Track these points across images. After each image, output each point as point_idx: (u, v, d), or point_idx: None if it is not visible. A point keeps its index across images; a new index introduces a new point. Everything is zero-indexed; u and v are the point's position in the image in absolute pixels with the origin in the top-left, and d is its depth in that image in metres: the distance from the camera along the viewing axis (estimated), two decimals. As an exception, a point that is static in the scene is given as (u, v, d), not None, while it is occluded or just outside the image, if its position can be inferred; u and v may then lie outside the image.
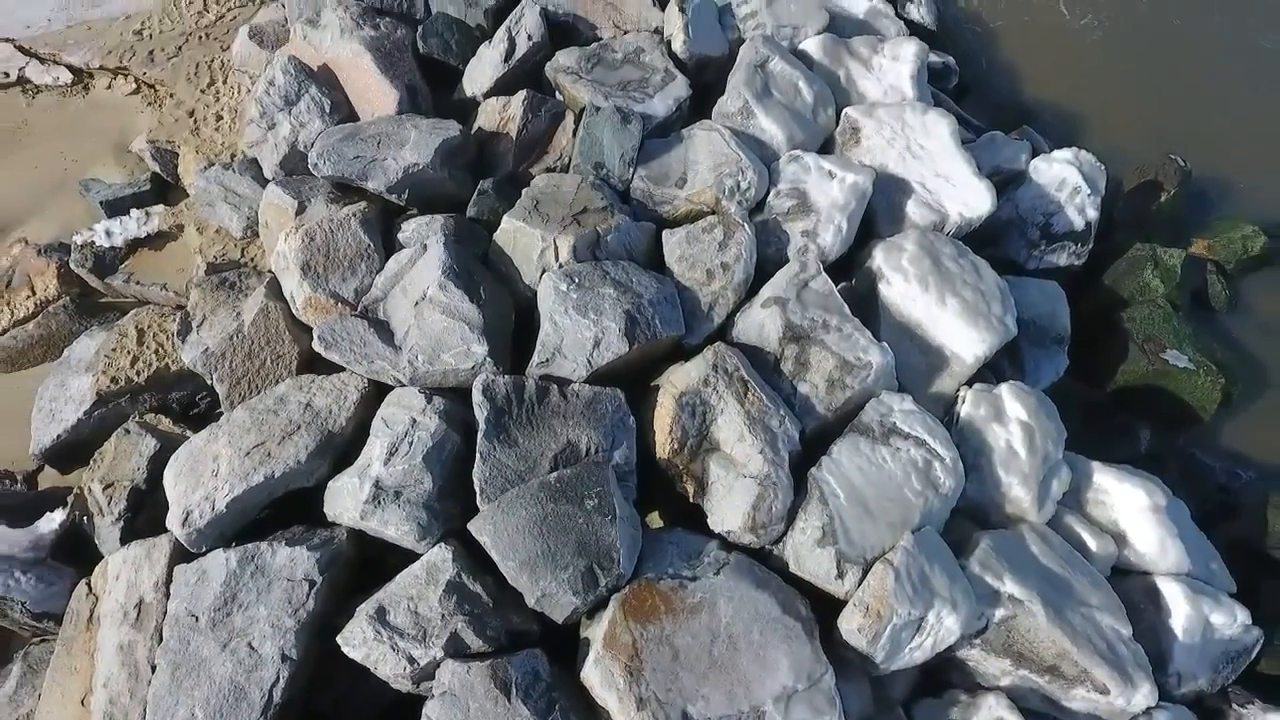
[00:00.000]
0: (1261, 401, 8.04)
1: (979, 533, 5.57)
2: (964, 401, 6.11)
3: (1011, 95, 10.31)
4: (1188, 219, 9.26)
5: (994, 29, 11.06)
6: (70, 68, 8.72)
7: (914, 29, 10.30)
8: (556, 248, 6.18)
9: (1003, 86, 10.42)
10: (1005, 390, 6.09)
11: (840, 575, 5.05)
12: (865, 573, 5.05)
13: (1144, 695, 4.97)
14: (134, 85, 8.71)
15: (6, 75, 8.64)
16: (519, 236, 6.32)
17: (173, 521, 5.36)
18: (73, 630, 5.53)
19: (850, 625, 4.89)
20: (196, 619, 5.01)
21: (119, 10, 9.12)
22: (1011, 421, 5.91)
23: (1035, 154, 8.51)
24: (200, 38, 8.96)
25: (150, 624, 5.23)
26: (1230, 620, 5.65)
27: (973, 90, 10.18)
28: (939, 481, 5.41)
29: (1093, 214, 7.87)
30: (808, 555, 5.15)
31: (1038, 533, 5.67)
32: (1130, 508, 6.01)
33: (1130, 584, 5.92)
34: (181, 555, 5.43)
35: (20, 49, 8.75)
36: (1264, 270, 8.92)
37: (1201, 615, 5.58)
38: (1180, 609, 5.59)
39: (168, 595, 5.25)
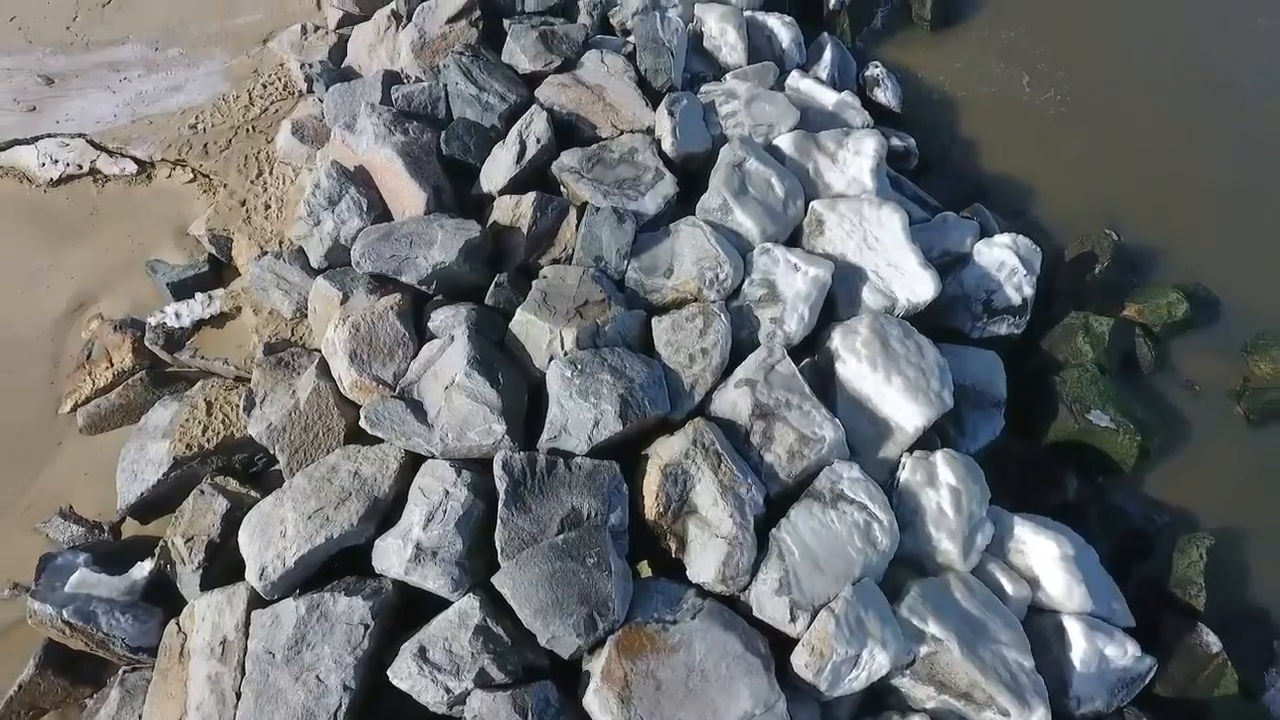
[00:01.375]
0: (1180, 454, 9.20)
1: (911, 581, 6.74)
2: (904, 468, 7.29)
3: (969, 170, 11.49)
4: (1122, 285, 10.41)
5: (955, 107, 12.24)
6: (135, 160, 9.95)
7: (880, 111, 11.54)
8: (562, 338, 7.38)
9: (961, 162, 11.60)
10: (939, 458, 7.26)
11: (793, 619, 6.23)
12: (813, 617, 6.22)
13: (1038, 717, 6.13)
14: (191, 175, 9.94)
15: (80, 167, 9.88)
16: (530, 328, 7.52)
17: (251, 575, 6.56)
18: (167, 662, 6.73)
19: (800, 661, 6.06)
20: (273, 655, 6.21)
21: (175, 106, 10.37)
22: (942, 486, 7.08)
23: (984, 232, 9.76)
24: (247, 130, 10.19)
25: (234, 658, 6.43)
26: (1122, 652, 6.81)
27: (934, 166, 11.35)
28: (877, 540, 6.58)
29: (1028, 291, 9.04)
30: (767, 602, 6.32)
31: (961, 580, 6.84)
32: (1043, 557, 7.17)
33: (1043, 621, 7.08)
34: (257, 601, 6.64)
35: (92, 143, 9.99)
36: (1187, 334, 10.07)
37: (1097, 649, 6.74)
38: (1079, 644, 6.75)
39: (247, 635, 6.45)
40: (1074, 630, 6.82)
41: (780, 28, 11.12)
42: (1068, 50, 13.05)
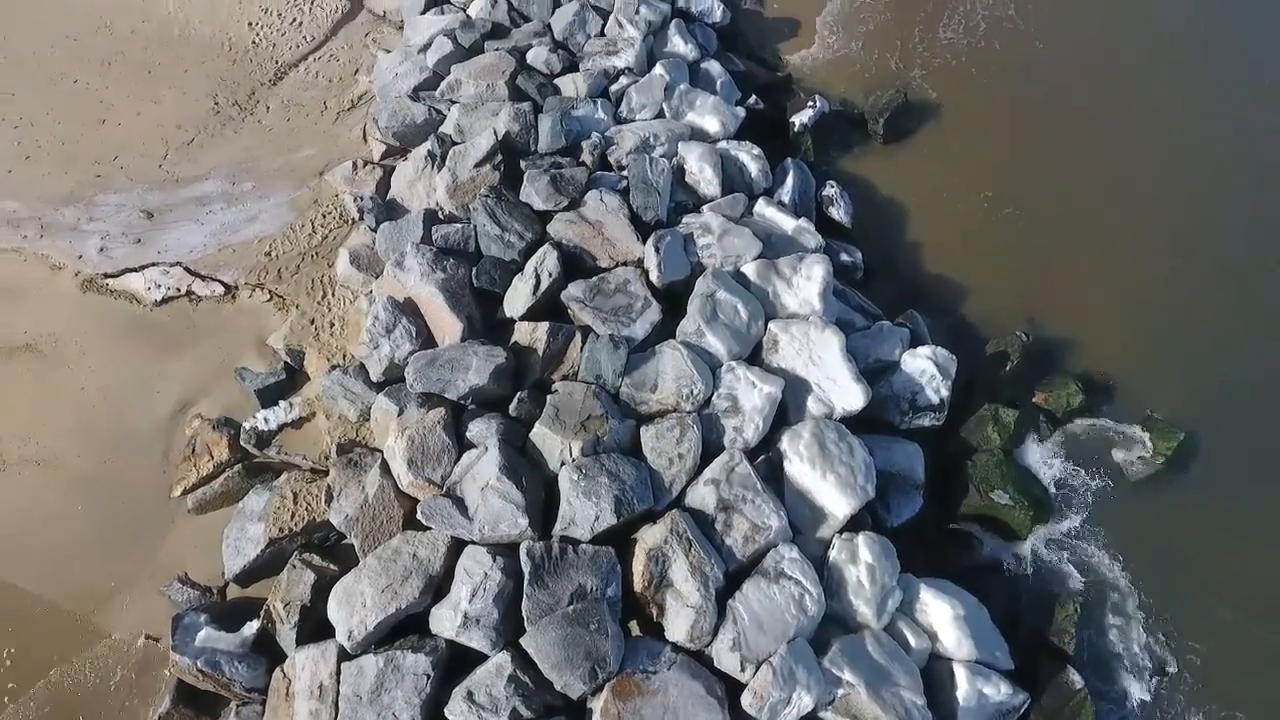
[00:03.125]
0: (1069, 522, 11.32)
1: (834, 637, 8.92)
2: (833, 547, 9.47)
3: (908, 274, 13.67)
4: (1033, 375, 12.53)
5: (900, 215, 14.42)
6: (222, 283, 12.23)
7: (833, 226, 13.74)
8: (570, 448, 9.60)
9: (903, 266, 13.78)
10: (860, 540, 9.43)
11: (743, 669, 8.42)
12: (758, 668, 8.40)
13: (925, 742, 8.29)
14: (268, 295, 12.21)
15: (179, 290, 12.16)
16: (546, 439, 9.74)
17: (340, 636, 8.80)
18: (276, 701, 8.96)
19: (747, 701, 8.25)
20: (360, 697, 8.43)
21: (252, 234, 12.66)
22: (862, 563, 9.26)
23: (914, 337, 11.94)
24: (312, 257, 12.48)
25: (329, 699, 8.64)
26: (997, 691, 8.96)
27: (879, 272, 13.53)
28: (808, 609, 8.76)
29: (945, 393, 11.21)
30: (724, 656, 8.52)
31: (874, 636, 9.01)
32: (941, 617, 9.32)
33: (940, 667, 9.24)
34: (343, 655, 8.85)
35: (187, 270, 12.28)
36: (1084, 418, 12.19)
37: (977, 689, 8.89)
38: (963, 685, 8.91)
39: (338, 681, 8.67)
40: (960, 675, 8.98)
41: (749, 160, 13.35)
42: (1001, 162, 15.24)
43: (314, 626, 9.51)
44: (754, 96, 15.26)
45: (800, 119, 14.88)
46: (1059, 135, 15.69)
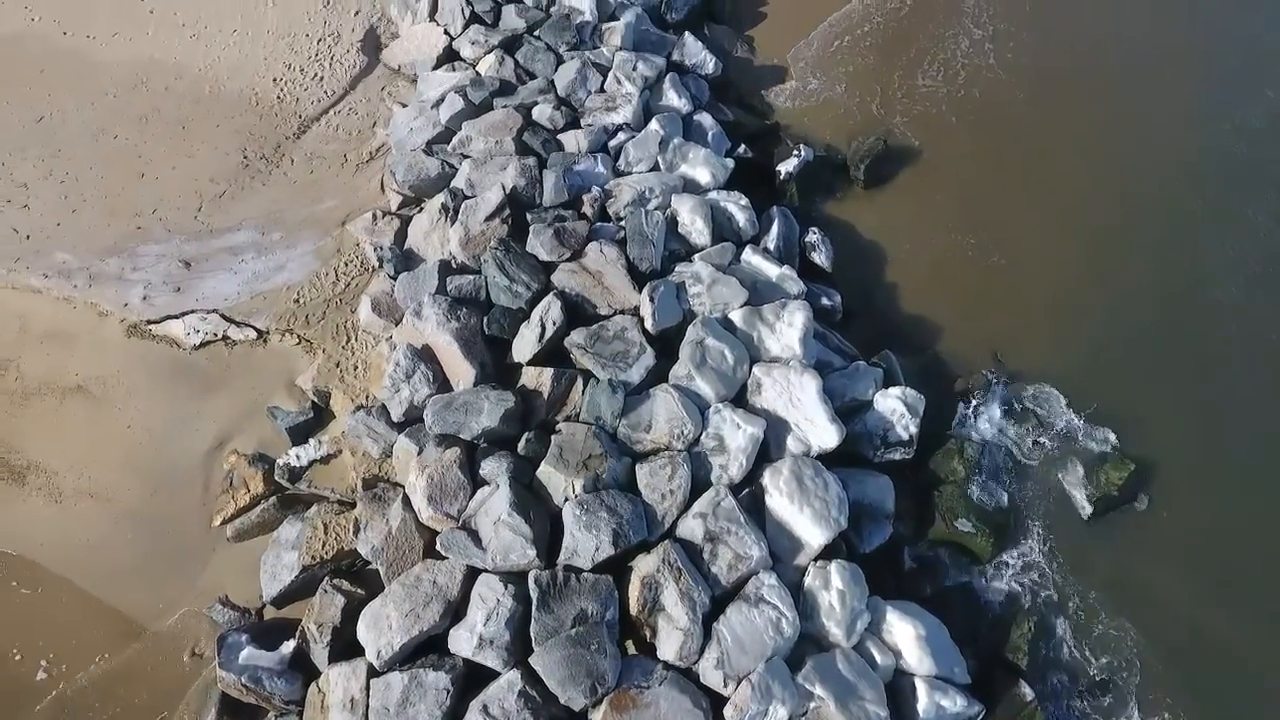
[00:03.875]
0: (1026, 547, 12.41)
1: (809, 655, 10.02)
2: (809, 574, 10.57)
3: (885, 315, 14.77)
4: (997, 413, 13.63)
5: (878, 257, 15.52)
6: (255, 328, 13.37)
7: (815, 270, 14.84)
8: (573, 485, 10.72)
9: (880, 306, 14.89)
10: (833, 568, 10.54)
11: (725, 685, 9.53)
12: (738, 684, 9.51)
13: (886, 749, 9.39)
14: (297, 339, 13.34)
15: (215, 335, 13.31)
16: (551, 477, 10.87)
17: (369, 655, 9.93)
18: (313, 713, 10.09)
19: (729, 714, 9.37)
20: (388, 710, 9.56)
21: (281, 282, 13.81)
22: (833, 589, 10.36)
23: (888, 377, 13.05)
24: (336, 303, 13.62)
25: (359, 712, 9.77)
26: (954, 703, 10.05)
27: (857, 312, 14.64)
28: (784, 631, 9.87)
29: (914, 430, 12.30)
30: (709, 673, 9.63)
31: (844, 654, 10.11)
32: (905, 636, 10.42)
33: (904, 681, 10.35)
34: (372, 672, 9.97)
35: (223, 316, 13.42)
36: (1043, 450, 13.27)
37: (935, 701, 9.99)
38: (924, 698, 10.01)
39: (368, 695, 9.79)
40: (921, 689, 10.08)
41: (737, 211, 14.47)
42: (977, 207, 16.32)
43: (344, 646, 10.64)
44: (743, 146, 16.39)
45: (786, 168, 15.99)
46: (1034, 181, 16.78)
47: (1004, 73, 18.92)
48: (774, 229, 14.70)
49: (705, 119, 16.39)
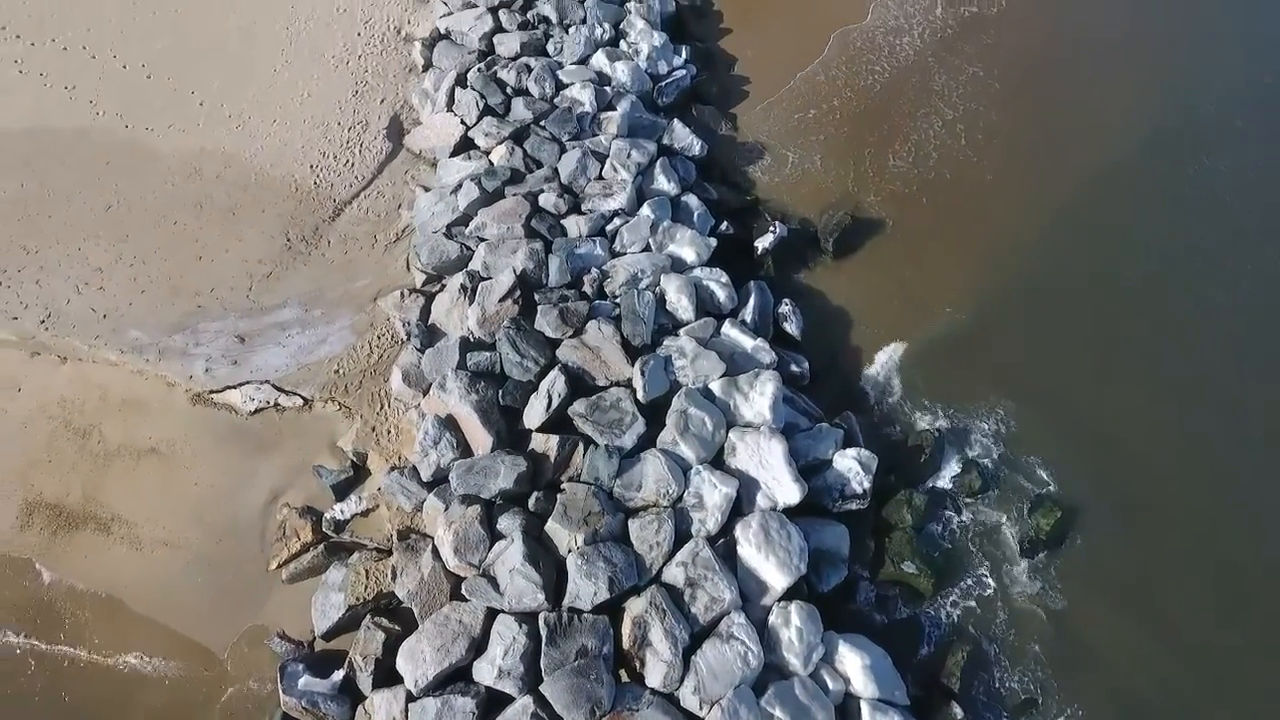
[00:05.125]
0: (962, 586, 14.44)
1: (772, 682, 12.08)
2: (772, 614, 12.63)
3: (847, 377, 16.85)
4: (943, 465, 15.66)
5: (843, 324, 17.60)
6: (302, 397, 15.52)
7: (787, 338, 16.92)
8: (575, 539, 12.82)
9: (844, 369, 16.96)
10: (793, 608, 12.60)
11: (701, 708, 11.60)
12: (711, 707, 11.57)
13: (834, 761, 11.44)
14: (338, 406, 15.49)
15: (268, 402, 15.47)
16: (557, 533, 12.99)
17: (408, 684, 12.05)
18: (361, 732, 12.19)
19: (704, 731, 11.43)
20: (424, 730, 11.65)
21: (324, 355, 15.96)
22: (793, 626, 12.43)
23: (848, 437, 15.11)
24: (371, 373, 15.77)
25: (401, 731, 11.86)
26: (891, 723, 12.09)
27: (823, 375, 16.70)
28: (750, 663, 11.94)
29: (867, 485, 14.38)
30: (688, 698, 11.70)
31: (801, 681, 12.17)
32: (853, 665, 12.47)
33: (852, 703, 12.40)
34: (409, 697, 12.06)
35: (275, 386, 15.58)
36: (983, 499, 15.31)
37: (877, 720, 12.04)
38: (868, 717, 12.04)
39: (407, 717, 11.87)
40: (865, 710, 12.15)
41: (718, 288, 16.59)
42: (933, 275, 18.39)
43: (385, 674, 12.75)
44: (725, 223, 18.49)
45: (763, 243, 18.10)
46: (995, 254, 18.85)
47: (974, 154, 20.91)
48: (751, 303, 16.80)
49: (692, 199, 18.52)
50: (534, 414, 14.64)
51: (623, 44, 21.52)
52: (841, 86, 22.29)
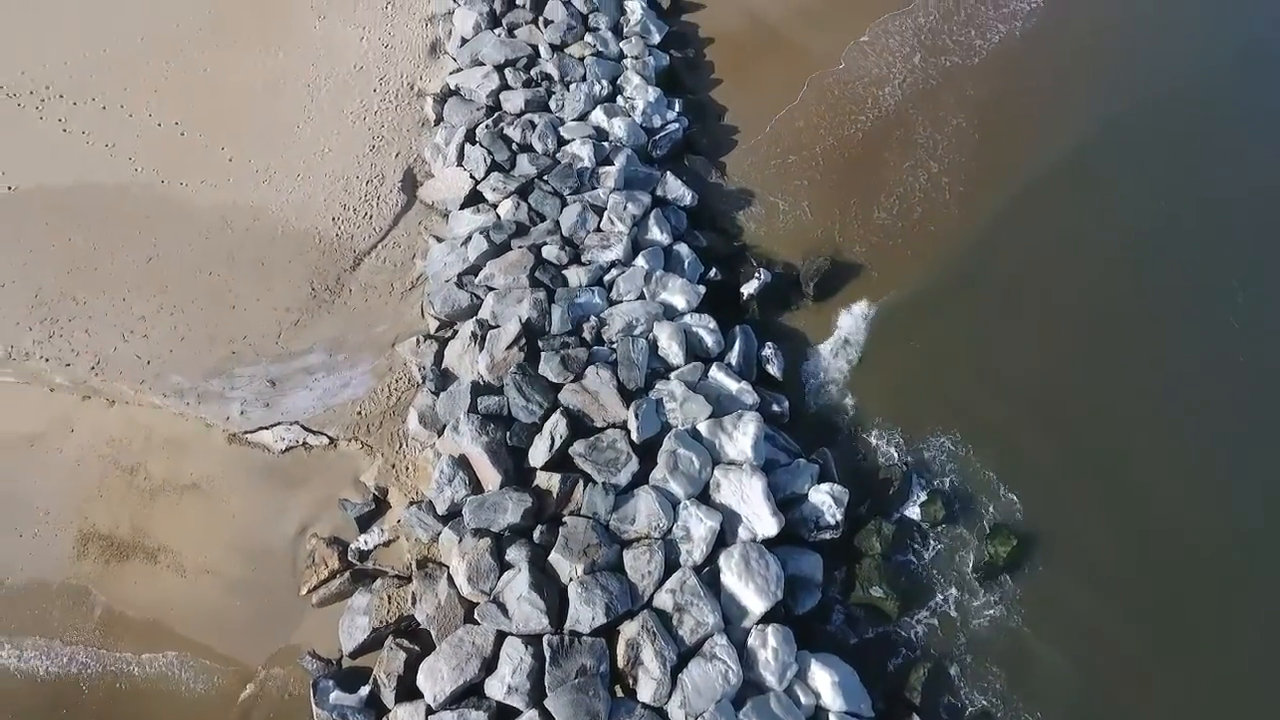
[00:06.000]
0: (926, 609, 15.94)
1: (750, 697, 13.60)
2: (751, 635, 14.15)
3: (822, 416, 18.36)
4: (910, 495, 17.18)
5: (819, 364, 19.12)
6: (328, 436, 17.11)
7: (769, 379, 18.47)
8: (576, 569, 14.37)
9: (819, 408, 18.47)
10: (769, 630, 14.13)
11: (687, 720, 13.14)
12: (696, 719, 13.10)
13: (803, 767, 12.95)
14: (360, 444, 17.07)
15: (297, 441, 17.07)
16: (559, 563, 14.54)
17: (428, 699, 13.61)
18: (386, 741, 13.74)
19: (689, 741, 12.97)
20: (443, 740, 13.20)
21: (347, 398, 17.56)
22: (769, 647, 13.96)
23: (823, 472, 16.64)
24: (390, 414, 17.36)
25: (421, 740, 13.41)
26: (859, 733, 13.61)
27: (802, 413, 18.23)
28: (730, 680, 13.47)
29: (840, 517, 15.93)
30: (675, 712, 13.24)
31: (777, 696, 13.69)
32: (823, 681, 13.99)
33: (822, 717, 13.90)
34: (429, 711, 13.61)
35: (303, 427, 17.17)
36: (946, 523, 16.82)
37: (844, 732, 13.55)
38: (835, 729, 13.57)
39: (427, 729, 13.44)
40: (834, 722, 13.66)
41: (705, 334, 18.16)
42: (909, 315, 19.93)
43: (406, 690, 14.31)
44: (714, 269, 20.05)
45: (748, 289, 19.66)
46: (968, 297, 20.41)
47: (957, 208, 22.43)
48: (736, 347, 18.35)
49: (683, 248, 20.09)
50: (538, 453, 16.20)
51: (620, 99, 23.14)
52: (824, 133, 23.84)
